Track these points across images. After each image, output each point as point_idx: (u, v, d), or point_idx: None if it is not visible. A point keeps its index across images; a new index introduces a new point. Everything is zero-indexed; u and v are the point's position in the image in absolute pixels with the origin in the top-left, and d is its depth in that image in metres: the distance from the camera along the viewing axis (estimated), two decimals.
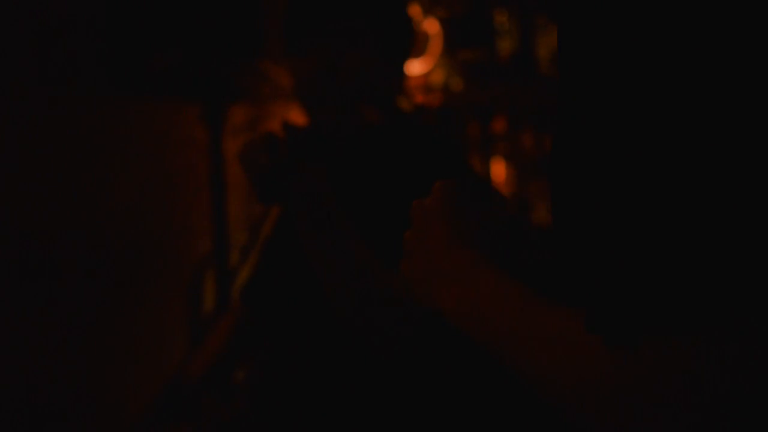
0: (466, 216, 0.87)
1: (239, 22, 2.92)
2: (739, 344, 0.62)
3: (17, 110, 2.72)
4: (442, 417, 1.51)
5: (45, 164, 2.83)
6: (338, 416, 1.64)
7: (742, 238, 0.64)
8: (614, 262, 0.68)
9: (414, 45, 1.79)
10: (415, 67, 3.83)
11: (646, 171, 0.68)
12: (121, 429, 3.04)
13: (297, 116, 1.95)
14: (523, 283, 0.77)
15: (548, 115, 3.74)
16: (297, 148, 1.55)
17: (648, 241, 0.66)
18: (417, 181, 1.22)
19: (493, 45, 3.89)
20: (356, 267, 1.50)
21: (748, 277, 0.64)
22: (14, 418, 2.68)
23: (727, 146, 0.66)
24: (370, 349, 1.54)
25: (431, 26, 3.84)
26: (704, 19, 0.68)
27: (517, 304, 0.75)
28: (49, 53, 2.81)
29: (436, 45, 3.84)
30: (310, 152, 1.57)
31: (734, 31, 0.68)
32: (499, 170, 4.00)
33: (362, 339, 1.53)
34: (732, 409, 0.62)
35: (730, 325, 0.63)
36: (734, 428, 0.62)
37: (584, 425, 0.67)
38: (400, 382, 1.56)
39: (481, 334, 0.78)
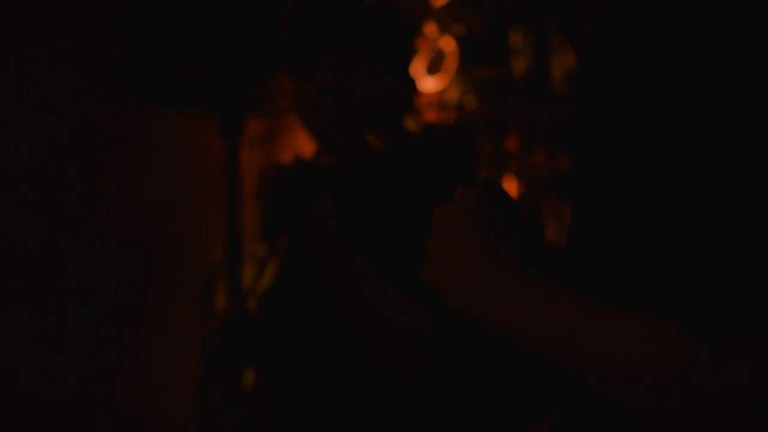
0: (491, 222, 0.88)
1: (258, 33, 2.95)
2: None
3: (32, 117, 2.75)
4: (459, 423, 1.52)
5: (61, 172, 2.85)
6: (343, 429, 1.66)
7: None
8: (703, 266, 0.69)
9: (410, 64, 1.80)
10: (430, 84, 3.85)
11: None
12: None
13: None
14: (569, 287, 0.78)
15: (561, 133, 3.76)
16: (303, 181, 1.56)
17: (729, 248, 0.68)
18: (424, 203, 1.24)
19: (508, 64, 3.92)
20: (364, 295, 1.51)
21: None
22: (25, 423, 2.70)
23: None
24: (380, 368, 1.56)
25: (447, 44, 3.87)
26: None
27: (580, 308, 0.76)
28: (66, 61, 2.84)
29: (451, 62, 3.87)
30: (317, 184, 1.57)
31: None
32: (511, 188, 4.02)
33: (373, 359, 1.54)
34: None
35: None
36: None
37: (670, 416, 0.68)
38: (413, 395, 1.57)
39: (536, 338, 0.79)
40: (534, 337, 0.78)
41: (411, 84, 1.80)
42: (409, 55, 1.80)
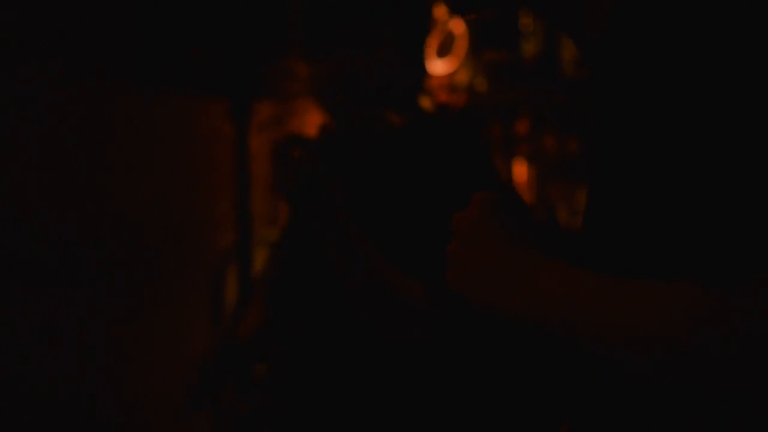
0: (509, 223, 0.90)
1: (267, 18, 2.95)
2: None
3: (43, 103, 2.75)
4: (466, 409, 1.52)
5: (72, 157, 2.86)
6: (352, 414, 1.67)
7: None
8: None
9: (426, 44, 1.82)
10: (440, 67, 3.85)
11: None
12: (143, 420, 3.07)
13: (319, 115, 1.98)
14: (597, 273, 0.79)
15: (571, 117, 3.75)
16: (319, 155, 1.57)
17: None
18: (440, 180, 1.24)
19: (517, 46, 3.91)
20: (370, 277, 1.52)
21: None
22: (35, 409, 2.71)
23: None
24: (385, 351, 1.56)
25: (457, 27, 3.86)
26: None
27: (610, 285, 0.77)
28: (77, 47, 2.84)
29: (461, 45, 3.86)
30: (331, 159, 1.58)
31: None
32: (521, 171, 4.02)
33: (378, 340, 1.55)
34: None
35: None
36: None
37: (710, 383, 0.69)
38: (415, 378, 1.58)
39: (570, 322, 0.80)
40: (567, 321, 0.79)
41: (422, 66, 1.80)
42: (422, 36, 1.81)
